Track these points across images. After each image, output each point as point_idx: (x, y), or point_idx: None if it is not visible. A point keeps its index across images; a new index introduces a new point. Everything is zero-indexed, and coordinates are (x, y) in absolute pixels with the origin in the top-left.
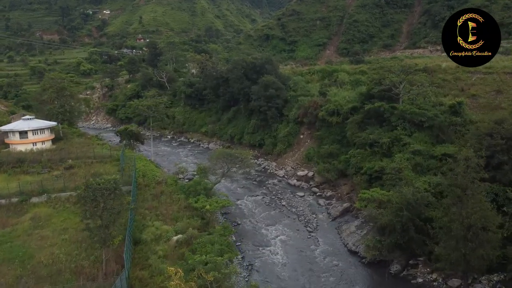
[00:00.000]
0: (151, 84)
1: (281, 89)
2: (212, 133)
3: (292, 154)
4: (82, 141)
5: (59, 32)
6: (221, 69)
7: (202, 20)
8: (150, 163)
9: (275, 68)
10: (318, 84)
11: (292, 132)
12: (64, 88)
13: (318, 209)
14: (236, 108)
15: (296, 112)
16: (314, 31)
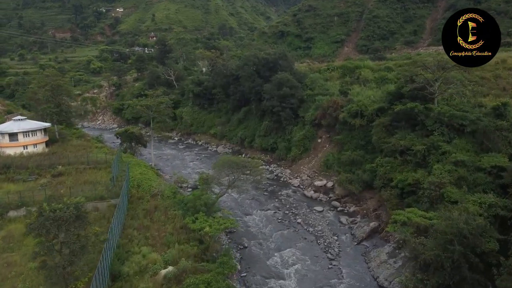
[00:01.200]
0: (159, 82)
1: (297, 87)
2: (221, 135)
3: (309, 160)
4: (79, 143)
5: (72, 30)
6: (231, 66)
7: (215, 18)
8: (149, 170)
9: (290, 64)
10: (338, 82)
11: (309, 135)
12: (60, 86)
13: (340, 229)
14: (247, 109)
15: (313, 113)
16: (331, 27)
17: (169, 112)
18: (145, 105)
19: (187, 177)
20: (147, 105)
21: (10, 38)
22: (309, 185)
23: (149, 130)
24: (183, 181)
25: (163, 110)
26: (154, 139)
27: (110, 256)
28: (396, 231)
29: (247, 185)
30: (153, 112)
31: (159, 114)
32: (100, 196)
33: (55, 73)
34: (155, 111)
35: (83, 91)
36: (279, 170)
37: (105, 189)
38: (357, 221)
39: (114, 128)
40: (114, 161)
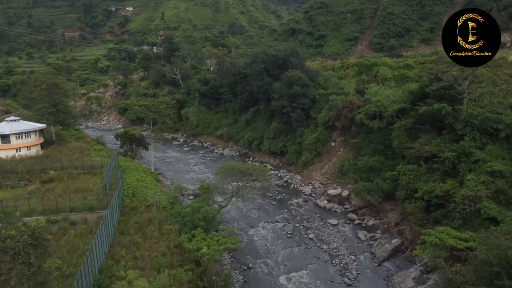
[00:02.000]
0: (164, 81)
1: (308, 86)
2: (227, 137)
3: (321, 165)
4: (77, 146)
5: (81, 29)
6: (239, 64)
7: (225, 16)
8: (147, 176)
9: (301, 62)
10: (353, 80)
11: (321, 138)
12: (56, 84)
13: (357, 247)
14: (255, 109)
15: (326, 114)
16: (344, 24)
17: (171, 113)
18: (144, 106)
19: (190, 182)
20: (146, 106)
21: (20, 37)
22: (322, 193)
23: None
24: (184, 188)
25: (164, 110)
26: (158, 141)
27: (87, 285)
28: (425, 255)
29: (254, 194)
30: (153, 113)
31: (160, 115)
32: (89, 206)
33: (52, 71)
34: (156, 111)
35: (89, 90)
36: (289, 176)
37: (96, 198)
38: (377, 237)
39: (118, 129)
40: (107, 166)
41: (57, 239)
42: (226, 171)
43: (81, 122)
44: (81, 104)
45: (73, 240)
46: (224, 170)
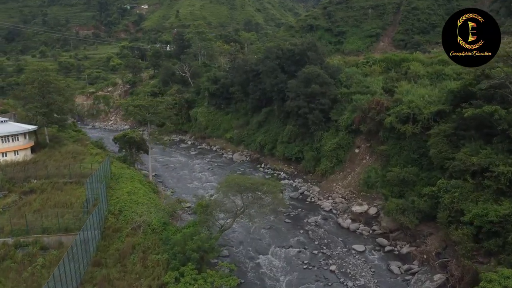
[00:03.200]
0: (173, 80)
1: (329, 84)
2: (238, 140)
3: (343, 176)
4: (73, 149)
5: (96, 27)
6: (251, 61)
7: (241, 13)
8: (142, 187)
9: (320, 57)
10: (381, 78)
11: (343, 144)
12: (49, 82)
13: (390, 283)
14: (268, 110)
15: (349, 117)
16: (365, 20)
17: (171, 114)
18: (139, 106)
19: (192, 193)
20: (142, 106)
21: (34, 35)
22: (344, 210)
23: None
24: (183, 201)
25: (164, 111)
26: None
27: None
28: None
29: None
30: (151, 114)
31: (159, 116)
32: (65, 227)
33: (44, 67)
34: (154, 113)
35: (97, 89)
36: (305, 186)
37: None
38: (414, 270)
39: (125, 130)
40: (93, 176)
41: (21, 270)
42: (230, 186)
43: (88, 122)
44: (89, 103)
45: (40, 271)
46: (227, 185)
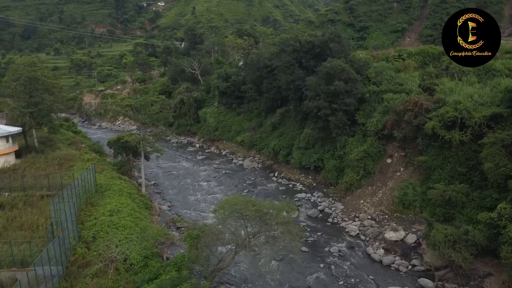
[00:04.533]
0: (183, 77)
1: (355, 81)
2: (249, 144)
3: (372, 191)
4: (63, 154)
5: (113, 25)
6: (265, 55)
7: (259, 10)
8: (130, 203)
9: (344, 49)
10: (417, 74)
11: (372, 152)
12: (36, 79)
13: None
14: (283, 110)
15: (379, 120)
16: (390, 15)
17: (168, 116)
18: (129, 106)
19: (193, 207)
20: (132, 106)
21: (50, 33)
22: (375, 236)
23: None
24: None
25: (159, 112)
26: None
27: None
28: None
29: (272, 246)
30: (143, 115)
31: (153, 118)
32: (20, 259)
33: (31, 62)
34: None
35: (106, 87)
36: (326, 203)
37: (36, 245)
38: None
39: (132, 130)
40: (66, 191)
41: None
42: (229, 211)
43: (95, 122)
44: (97, 102)
45: None
46: (226, 210)
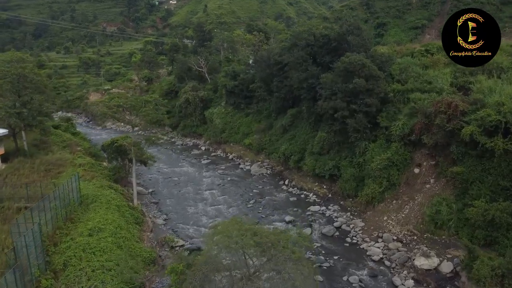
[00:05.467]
0: (190, 76)
1: (377, 78)
2: (258, 147)
3: (398, 206)
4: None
5: (124, 23)
6: (275, 51)
7: (272, 7)
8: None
9: (365, 43)
10: (448, 71)
11: (397, 160)
12: (25, 76)
13: None
14: (295, 111)
15: (406, 123)
16: (408, 11)
17: (162, 118)
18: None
19: (193, 221)
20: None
21: (62, 32)
22: (403, 262)
23: (176, 135)
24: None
25: (152, 114)
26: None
27: None
28: None
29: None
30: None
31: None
32: None
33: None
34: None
35: (113, 86)
36: (343, 218)
37: None
38: None
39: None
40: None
41: None
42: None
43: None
44: None
45: None
46: (219, 242)
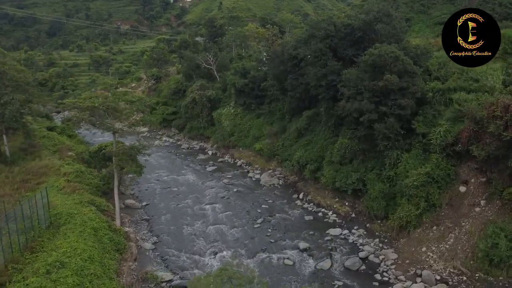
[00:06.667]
0: (198, 73)
1: (413, 74)
2: (269, 153)
3: (439, 233)
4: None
5: (139, 21)
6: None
7: (289, 4)
8: (90, 246)
9: (397, 32)
10: (498, 66)
11: (438, 176)
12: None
13: None
14: (311, 113)
15: (449, 130)
16: (434, 6)
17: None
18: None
19: (188, 244)
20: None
21: (76, 30)
22: None
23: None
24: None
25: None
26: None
27: None
28: None
29: None
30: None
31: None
32: None
33: None
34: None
35: (121, 85)
36: (370, 246)
37: None
38: None
39: (142, 133)
40: None
41: None
42: None
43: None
44: None
45: None
46: None
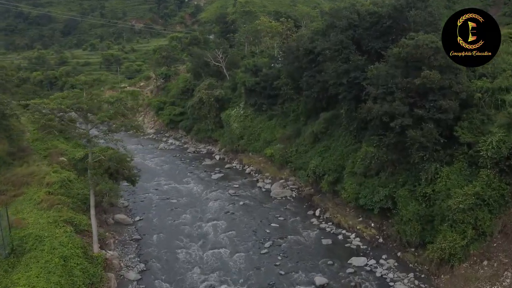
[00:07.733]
0: (207, 71)
1: (456, 70)
2: (282, 160)
3: (492, 270)
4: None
5: (153, 20)
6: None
7: (305, 1)
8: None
9: (434, 20)
10: None
11: (489, 197)
12: None
13: None
14: (330, 115)
15: (502, 139)
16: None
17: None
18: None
19: (180, 274)
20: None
21: (91, 29)
22: None
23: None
24: None
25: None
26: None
27: None
28: None
29: None
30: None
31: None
32: None
33: None
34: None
35: (130, 84)
36: (404, 283)
37: None
38: None
39: (150, 134)
40: None
41: None
42: None
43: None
44: None
45: None
46: None
